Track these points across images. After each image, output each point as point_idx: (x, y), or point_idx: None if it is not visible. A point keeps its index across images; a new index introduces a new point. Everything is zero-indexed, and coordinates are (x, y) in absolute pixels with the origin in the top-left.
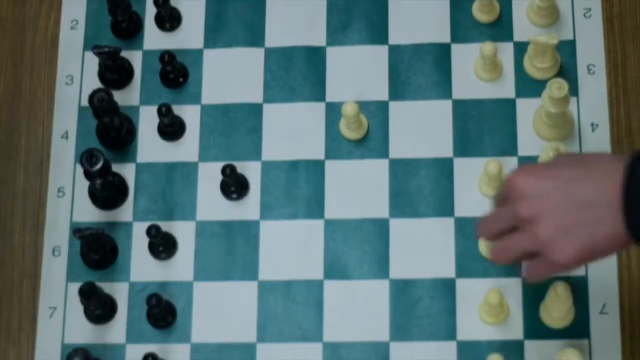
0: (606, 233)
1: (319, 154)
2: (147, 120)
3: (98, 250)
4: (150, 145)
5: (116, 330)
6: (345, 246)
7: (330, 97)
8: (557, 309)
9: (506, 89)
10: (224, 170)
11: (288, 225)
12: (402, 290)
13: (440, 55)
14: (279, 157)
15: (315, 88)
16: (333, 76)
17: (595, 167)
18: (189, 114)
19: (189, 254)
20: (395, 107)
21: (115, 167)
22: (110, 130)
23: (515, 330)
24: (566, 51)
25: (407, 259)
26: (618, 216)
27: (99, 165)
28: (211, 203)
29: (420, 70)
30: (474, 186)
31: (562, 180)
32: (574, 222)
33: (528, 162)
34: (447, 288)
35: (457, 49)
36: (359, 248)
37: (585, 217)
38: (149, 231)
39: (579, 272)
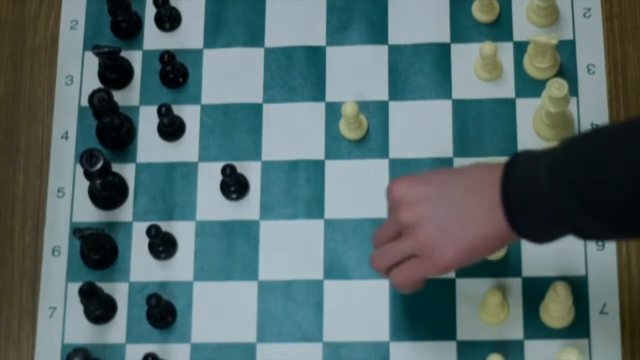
0: (484, 232)
1: (319, 154)
2: (147, 120)
3: (98, 250)
4: (150, 145)
5: (116, 330)
6: (345, 246)
7: (330, 97)
8: (557, 309)
9: (506, 88)
10: (223, 170)
11: (288, 225)
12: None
13: (440, 55)
14: (279, 157)
15: (315, 88)
16: (333, 76)
17: (466, 171)
18: (189, 114)
19: (188, 254)
20: (395, 107)
21: (115, 167)
22: (110, 130)
23: (515, 330)
24: (566, 51)
25: None
26: (491, 214)
27: (98, 166)
28: (211, 203)
29: (420, 70)
30: None
31: (435, 184)
32: (452, 224)
33: None
34: (447, 288)
35: (456, 49)
36: (359, 248)
37: (461, 217)
38: (148, 231)
39: (579, 272)
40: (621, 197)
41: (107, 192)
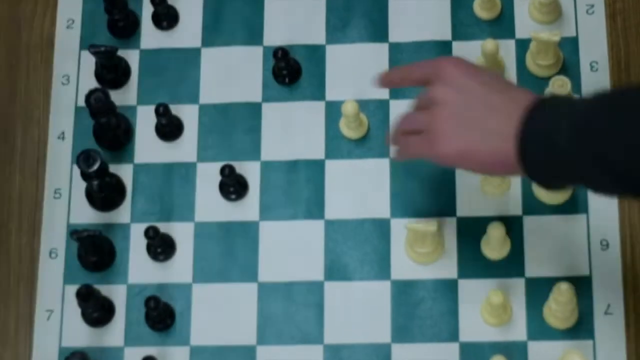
0: (493, 148)
1: (319, 154)
2: (145, 120)
3: (95, 252)
4: (147, 146)
5: (114, 333)
6: (346, 247)
7: (330, 96)
8: (560, 309)
9: None
10: (222, 171)
11: (288, 225)
12: (404, 291)
13: (441, 53)
14: (279, 157)
15: (314, 87)
16: (333, 75)
17: (513, 88)
18: (187, 113)
19: (187, 255)
20: (395, 106)
21: (113, 168)
22: (107, 131)
23: (518, 331)
24: (569, 48)
25: (408, 260)
26: (507, 141)
27: (96, 166)
28: (210, 204)
29: None
30: (476, 185)
31: (480, 82)
32: (472, 123)
33: None
34: (449, 289)
35: (458, 47)
36: (359, 248)
37: (484, 123)
38: (146, 232)
39: (583, 272)
40: (633, 155)
41: (105, 193)
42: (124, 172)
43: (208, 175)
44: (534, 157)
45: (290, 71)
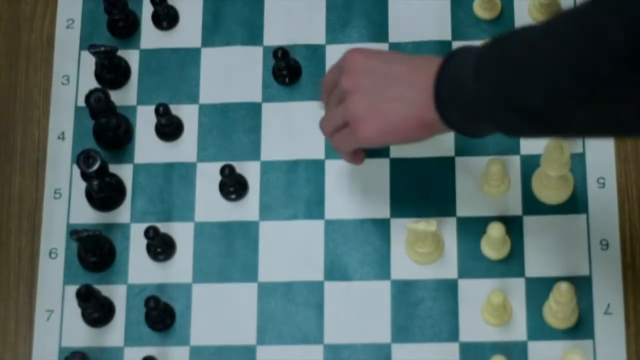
0: (409, 114)
1: (319, 154)
2: (145, 120)
3: (95, 252)
4: (147, 146)
5: (114, 333)
6: (346, 247)
7: None
8: (560, 309)
9: None
10: (222, 171)
11: (288, 225)
12: (404, 291)
13: (441, 53)
14: (279, 157)
15: (314, 87)
16: None
17: (414, 57)
18: (187, 113)
19: (187, 255)
20: None
21: (113, 168)
22: (107, 131)
23: (518, 331)
24: None
25: (408, 260)
26: (421, 100)
27: (96, 166)
28: (210, 204)
29: None
30: (476, 185)
31: (381, 61)
32: (382, 100)
33: (531, 161)
34: (449, 289)
35: (458, 47)
36: (359, 248)
37: (391, 96)
38: (146, 233)
39: (583, 271)
40: (541, 95)
41: (105, 193)
42: (124, 172)
43: (208, 175)
44: (449, 108)
45: (290, 71)
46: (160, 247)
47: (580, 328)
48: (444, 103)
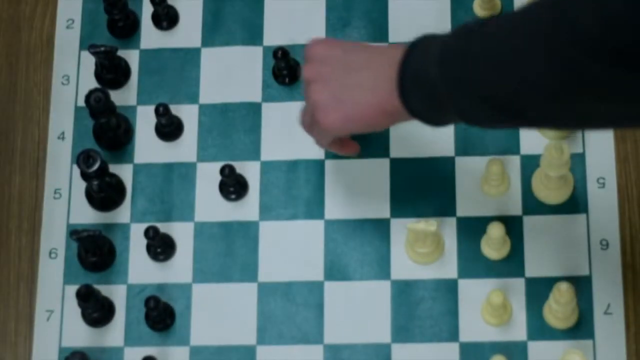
0: (371, 101)
1: (319, 154)
2: (145, 120)
3: (95, 252)
4: (147, 146)
5: (114, 333)
6: (346, 247)
7: None
8: (560, 309)
9: None
10: (222, 171)
11: (288, 225)
12: (404, 291)
13: None
14: (279, 157)
15: None
16: None
17: (376, 47)
18: (187, 113)
19: (187, 255)
20: None
21: (113, 168)
22: (107, 131)
23: (518, 331)
24: None
25: (408, 260)
26: (383, 88)
27: (95, 166)
28: (210, 204)
29: None
30: (476, 185)
31: (343, 50)
32: (343, 89)
33: (531, 161)
34: (449, 289)
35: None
36: (359, 248)
37: (353, 84)
38: (146, 233)
39: (583, 271)
40: (509, 85)
41: (105, 193)
42: (124, 172)
43: (208, 175)
44: (413, 96)
45: (290, 71)
46: (160, 247)
47: (580, 328)
48: (407, 91)
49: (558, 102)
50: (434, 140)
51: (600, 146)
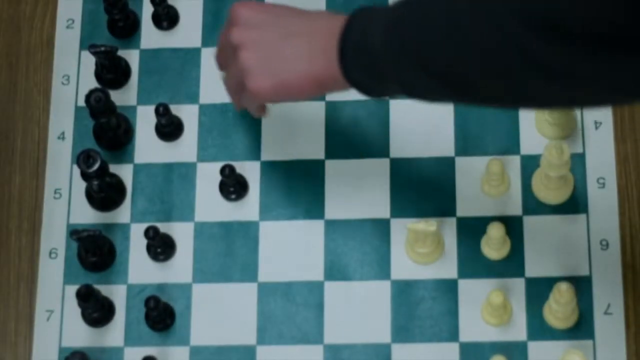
0: (306, 71)
1: (319, 154)
2: (145, 120)
3: (95, 252)
4: (147, 146)
5: (114, 333)
6: (346, 247)
7: (330, 96)
8: (560, 309)
9: None
10: (222, 171)
11: (288, 225)
12: (404, 291)
13: None
14: (279, 157)
15: None
16: None
17: (312, 14)
18: (187, 113)
19: (187, 255)
20: (395, 105)
21: (113, 168)
22: (107, 131)
23: (518, 331)
24: None
25: (408, 260)
26: (320, 57)
27: (96, 166)
28: (210, 204)
29: None
30: (476, 185)
31: (276, 15)
32: (275, 56)
33: (531, 161)
34: (449, 289)
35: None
36: (359, 249)
37: (286, 52)
38: (146, 233)
39: (583, 271)
40: (451, 57)
41: (105, 193)
42: (124, 172)
43: (208, 175)
44: (353, 65)
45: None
46: (160, 247)
47: (580, 328)
48: (348, 61)
49: (496, 75)
50: (434, 140)
51: (600, 146)
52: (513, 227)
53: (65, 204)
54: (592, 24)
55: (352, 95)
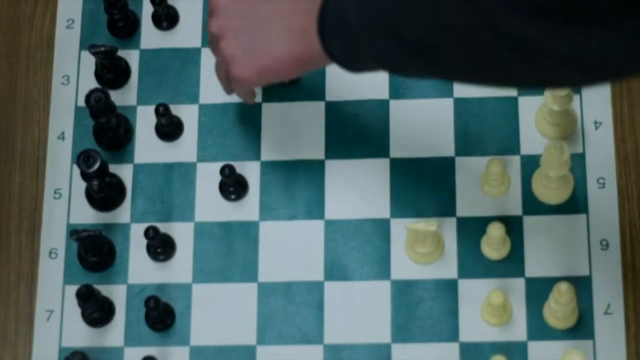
0: (286, 52)
1: (319, 154)
2: (145, 120)
3: (95, 252)
4: (147, 146)
5: (114, 333)
6: (346, 247)
7: (330, 96)
8: (560, 309)
9: None
10: (222, 171)
11: (288, 225)
12: (404, 291)
13: None
14: (279, 157)
15: (314, 87)
16: (332, 75)
17: None
18: (187, 113)
19: (187, 255)
20: (395, 105)
21: (113, 168)
22: (107, 131)
23: (518, 331)
24: None
25: (408, 260)
26: (298, 37)
27: (96, 166)
28: (210, 204)
29: None
30: (476, 185)
31: (254, 2)
32: (254, 41)
33: (531, 161)
34: (449, 289)
35: None
36: (359, 249)
37: (264, 36)
38: (146, 233)
39: (583, 271)
40: (420, 26)
41: (105, 193)
42: (124, 172)
43: (208, 175)
44: (332, 38)
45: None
46: (160, 247)
47: (580, 328)
48: (327, 34)
49: (467, 50)
50: (434, 140)
51: (600, 146)
52: (513, 227)
53: (65, 204)
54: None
55: (352, 95)
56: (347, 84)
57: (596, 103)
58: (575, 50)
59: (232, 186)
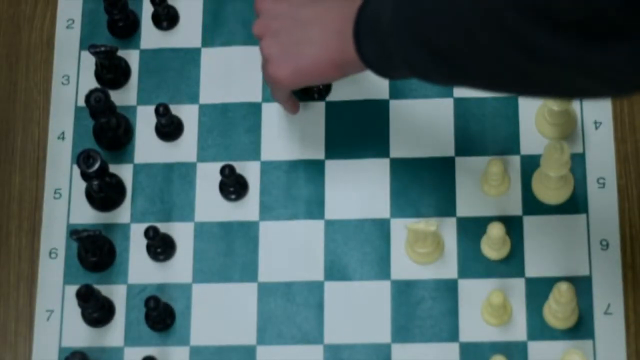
0: (322, 55)
1: (319, 154)
2: (145, 120)
3: (95, 252)
4: (147, 146)
5: (114, 333)
6: (346, 247)
7: (330, 96)
8: (560, 309)
9: None
10: (222, 171)
11: (288, 225)
12: (404, 291)
13: None
14: (279, 157)
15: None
16: None
17: (328, 1)
18: (187, 113)
19: (187, 255)
20: (395, 105)
21: (113, 168)
22: (107, 131)
23: (518, 331)
24: None
25: (408, 260)
26: (335, 40)
27: (96, 166)
28: (210, 204)
29: None
30: (476, 185)
31: (291, 4)
32: (293, 43)
33: (531, 161)
34: (449, 289)
35: None
36: (359, 249)
37: (303, 38)
38: (146, 233)
39: (583, 272)
40: (446, 35)
41: (105, 193)
42: (124, 172)
43: (208, 175)
44: (367, 45)
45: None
46: (160, 247)
47: (580, 328)
48: (362, 40)
49: (493, 59)
50: (434, 140)
51: (600, 146)
52: (513, 227)
53: (65, 204)
54: (585, 11)
55: (352, 95)
56: (347, 84)
57: (596, 103)
58: (603, 64)
59: (232, 186)
